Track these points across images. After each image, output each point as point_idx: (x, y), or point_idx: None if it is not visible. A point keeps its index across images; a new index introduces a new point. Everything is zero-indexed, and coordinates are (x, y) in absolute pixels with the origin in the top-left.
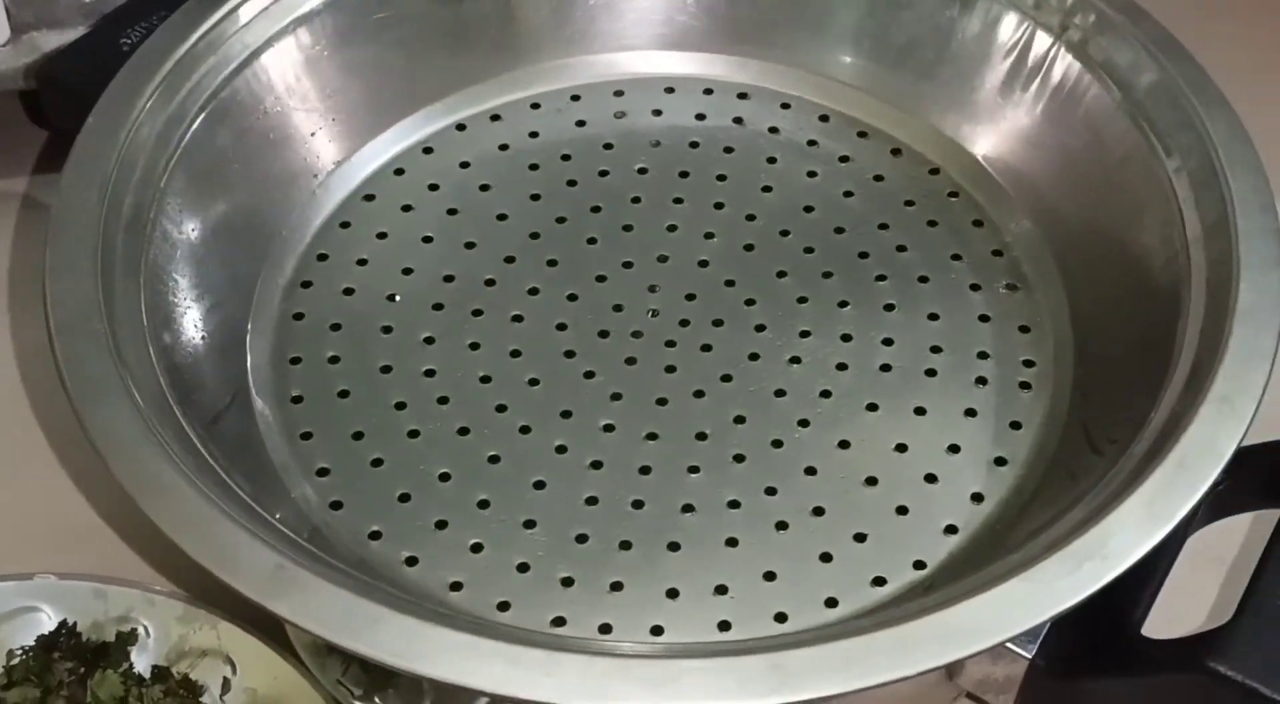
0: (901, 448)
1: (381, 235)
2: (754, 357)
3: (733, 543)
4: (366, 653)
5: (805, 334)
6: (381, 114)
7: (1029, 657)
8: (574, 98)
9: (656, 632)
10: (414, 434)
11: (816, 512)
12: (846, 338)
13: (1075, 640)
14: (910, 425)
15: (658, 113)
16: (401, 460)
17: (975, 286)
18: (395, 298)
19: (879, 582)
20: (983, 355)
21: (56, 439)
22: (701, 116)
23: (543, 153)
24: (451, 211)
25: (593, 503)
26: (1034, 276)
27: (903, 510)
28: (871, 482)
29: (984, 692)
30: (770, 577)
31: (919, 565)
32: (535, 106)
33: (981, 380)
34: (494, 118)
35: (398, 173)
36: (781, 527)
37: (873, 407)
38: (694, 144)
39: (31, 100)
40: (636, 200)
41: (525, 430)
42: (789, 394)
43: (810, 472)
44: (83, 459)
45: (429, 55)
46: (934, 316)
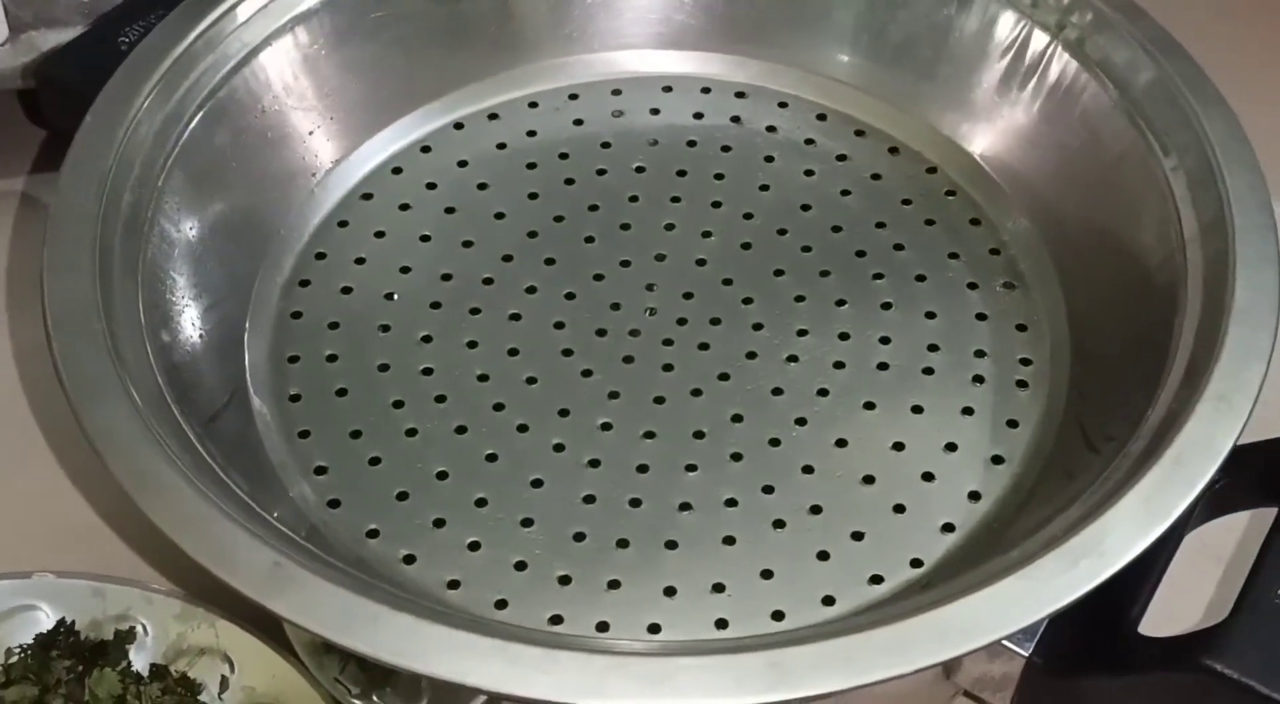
0: (899, 446)
1: (379, 234)
2: (751, 355)
3: (730, 541)
4: (364, 651)
5: (803, 333)
6: (379, 113)
7: (1026, 654)
8: (572, 97)
9: (654, 630)
10: (412, 433)
11: (814, 510)
12: (844, 336)
13: (1072, 638)
14: (908, 424)
15: (655, 112)
16: (399, 459)
17: (972, 285)
18: (393, 296)
19: (876, 580)
20: (980, 354)
21: (55, 438)
22: (699, 115)
23: (541, 152)
24: (449, 210)
25: (590, 501)
26: (1031, 275)
27: (900, 509)
28: (869, 480)
29: (981, 689)
30: (768, 575)
31: (916, 563)
32: (533, 105)
33: (979, 379)
34: (492, 117)
35: (396, 171)
36: (779, 525)
37: (870, 405)
38: (692, 143)
39: (30, 99)
40: (634, 199)
41: (523, 429)
42: (786, 393)
43: (808, 470)
44: (81, 458)
45: (427, 54)
46: (931, 315)
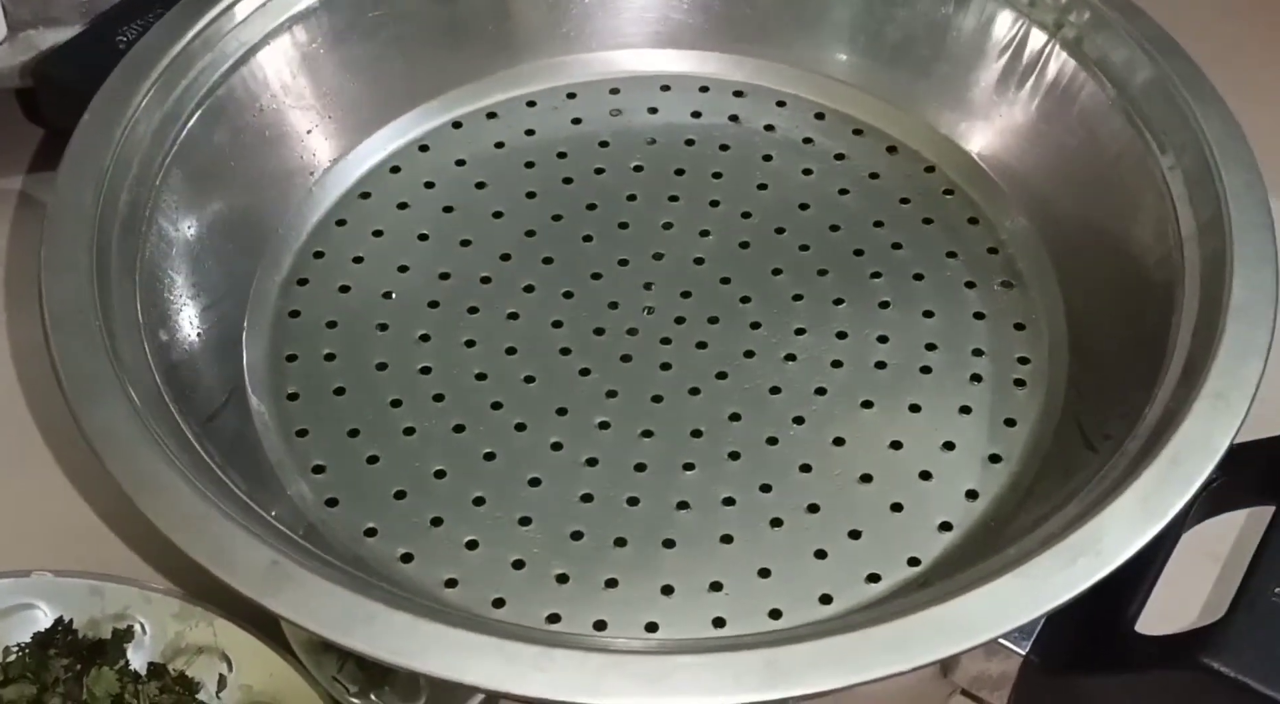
0: (896, 445)
1: (377, 233)
2: (749, 354)
3: (727, 540)
4: (361, 649)
5: (800, 331)
6: (377, 111)
7: (1023, 653)
8: (570, 96)
9: (651, 628)
10: (409, 431)
11: (811, 509)
12: (842, 335)
13: (1070, 636)
14: (905, 422)
15: (653, 111)
16: (397, 458)
17: (970, 284)
18: (391, 295)
19: (873, 578)
20: (978, 352)
21: (52, 437)
22: (697, 114)
23: (539, 150)
24: (447, 209)
25: (588, 500)
26: (1029, 274)
27: (897, 507)
28: (866, 479)
29: (978, 688)
30: (765, 573)
31: (913, 562)
32: (531, 104)
33: (976, 377)
34: (490, 116)
35: (394, 170)
36: (776, 523)
37: (868, 404)
38: (690, 142)
39: (28, 98)
40: (632, 198)
41: (521, 428)
42: (784, 391)
43: (805, 469)
44: (79, 457)
45: (425, 53)
46: (929, 314)
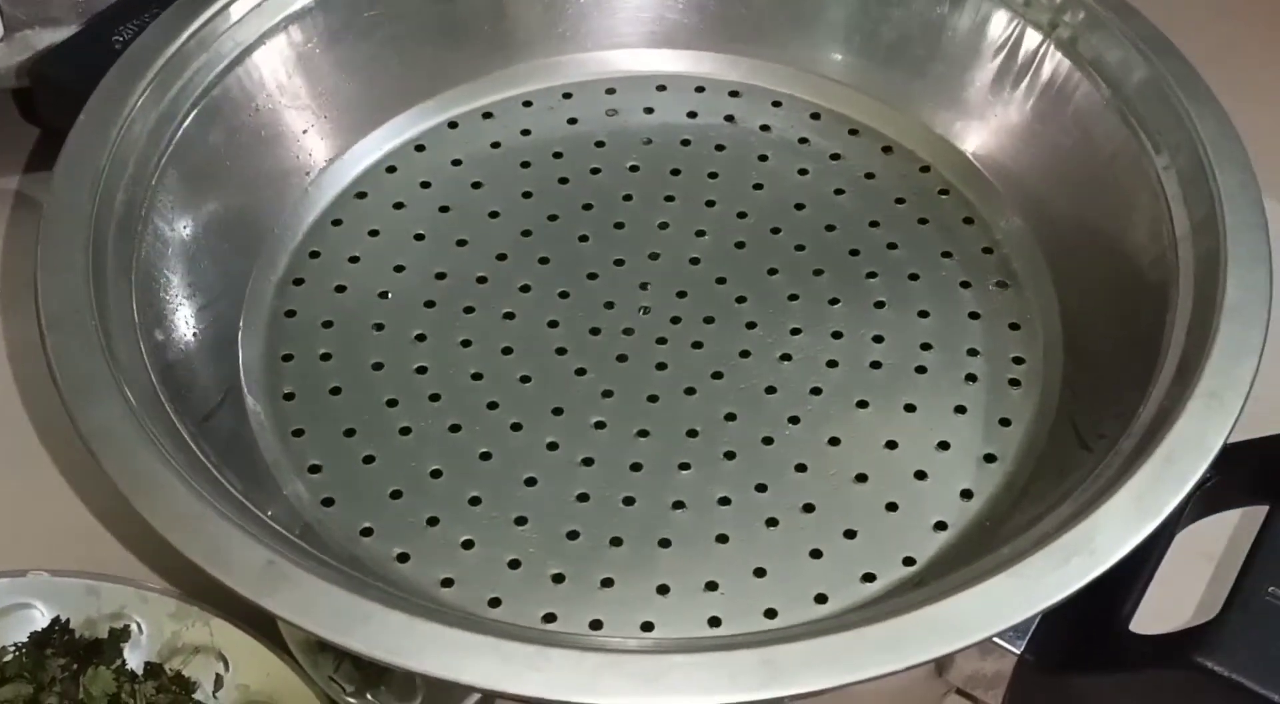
0: (891, 445)
1: (373, 233)
2: (745, 354)
3: (723, 539)
4: (358, 649)
5: (796, 331)
6: (373, 111)
7: (1018, 652)
8: (566, 95)
9: (647, 628)
10: (405, 431)
11: (806, 508)
12: (837, 335)
13: (1064, 636)
14: (900, 422)
15: (649, 111)
16: (393, 457)
17: (965, 284)
18: (387, 295)
19: (869, 578)
20: (973, 352)
21: (49, 437)
22: (693, 114)
23: (535, 150)
24: (443, 209)
25: (584, 500)
26: (1024, 274)
27: (892, 507)
28: (861, 478)
29: (973, 687)
30: (760, 573)
31: (908, 562)
32: (527, 104)
33: (971, 377)
34: (486, 115)
35: (390, 170)
36: (772, 523)
37: (863, 404)
38: (685, 142)
39: (24, 98)
40: (628, 198)
41: (516, 427)
42: (779, 391)
43: (800, 468)
44: (75, 457)
45: (421, 53)
46: (924, 314)
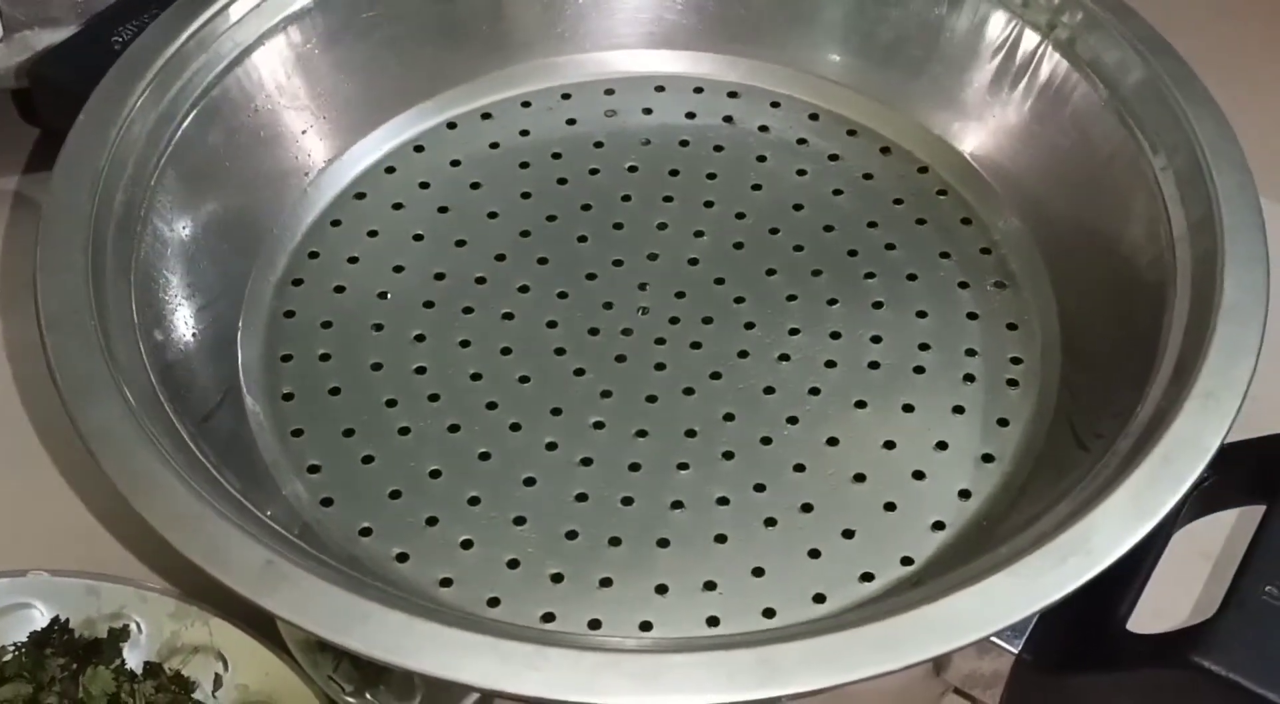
0: (890, 445)
1: (372, 233)
2: (743, 354)
3: (721, 539)
4: (356, 648)
5: (794, 332)
6: (372, 112)
7: (1015, 651)
8: (564, 96)
9: (645, 627)
10: (404, 431)
11: (805, 508)
12: (835, 335)
13: (1062, 635)
14: (898, 422)
15: (648, 111)
16: (392, 457)
17: (963, 284)
18: (386, 295)
19: (867, 577)
20: (971, 353)
21: (48, 437)
22: (691, 115)
23: (533, 151)
24: (442, 210)
25: (582, 499)
26: (1022, 274)
27: (891, 507)
28: (860, 478)
29: (971, 686)
30: (759, 572)
31: (906, 561)
32: (526, 105)
33: (969, 377)
34: (485, 116)
35: (389, 171)
36: (770, 523)
37: (861, 404)
38: (684, 142)
39: (24, 98)
40: (627, 198)
41: (515, 428)
42: (778, 391)
43: (799, 468)
44: (75, 457)
45: (420, 53)
46: (922, 314)
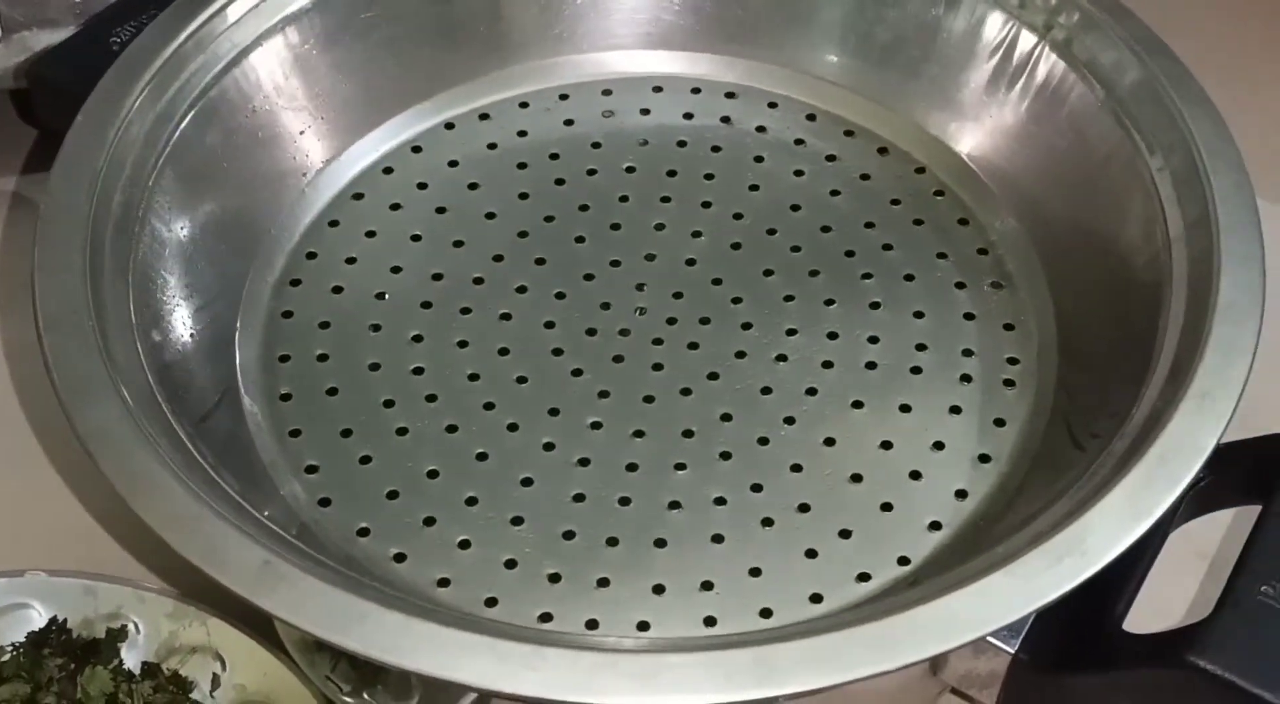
0: (886, 445)
1: (370, 234)
2: (741, 354)
3: (719, 539)
4: (354, 648)
5: (792, 332)
6: (370, 113)
7: (1012, 651)
8: (562, 97)
9: (643, 627)
10: (402, 432)
11: (802, 508)
12: (833, 336)
13: (1058, 635)
14: (895, 422)
15: (646, 112)
16: (390, 458)
17: (960, 284)
18: (384, 296)
19: (863, 577)
20: (967, 353)
21: (46, 438)
22: (689, 116)
23: (531, 152)
24: (440, 210)
25: (580, 500)
26: (1019, 275)
27: (887, 507)
28: (856, 478)
29: (968, 686)
30: (756, 572)
31: (903, 561)
32: (524, 105)
33: (966, 378)
34: (482, 117)
35: (386, 171)
36: (767, 523)
37: (858, 404)
38: (682, 143)
39: (22, 99)
40: (624, 199)
41: (513, 428)
42: (775, 392)
43: (796, 469)
44: (72, 457)
45: (417, 54)
46: (919, 314)
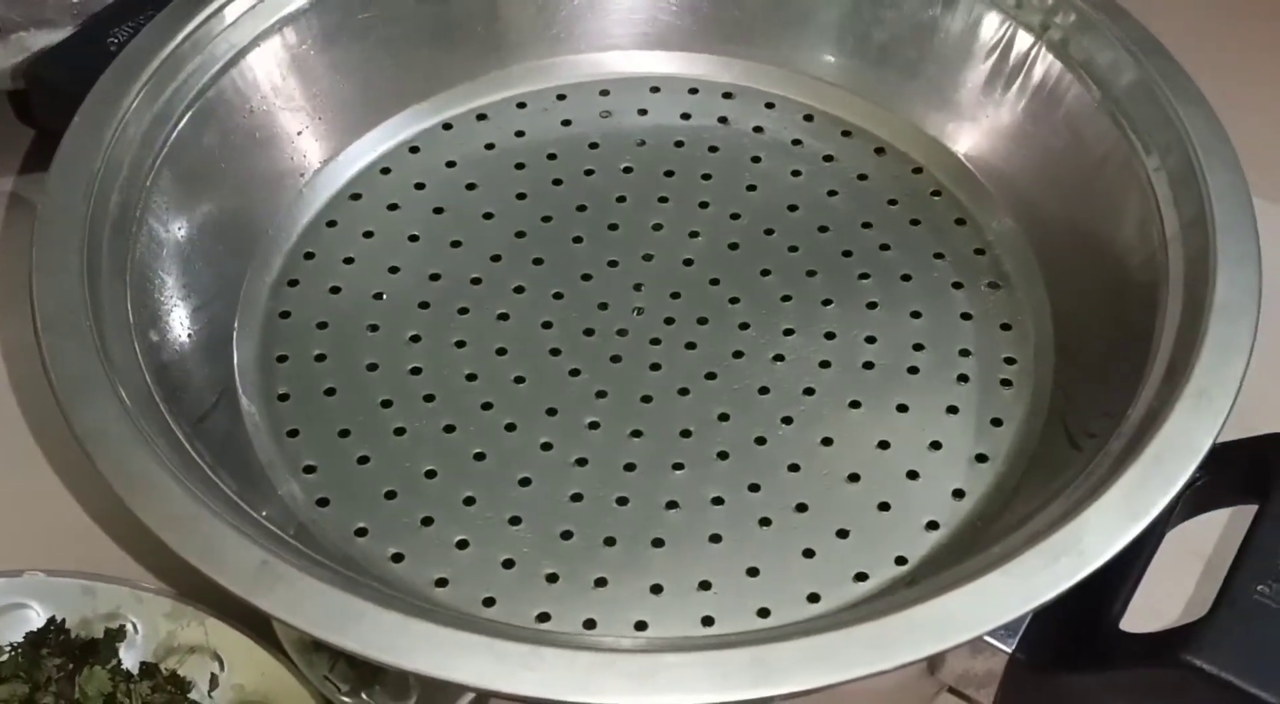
0: (884, 445)
1: (368, 234)
2: (738, 354)
3: (716, 539)
4: (352, 648)
5: (789, 332)
6: (368, 113)
7: (1009, 651)
8: (560, 97)
9: (640, 627)
10: (400, 432)
11: (799, 508)
12: (830, 336)
13: (1055, 634)
14: (892, 422)
15: (643, 112)
16: (388, 458)
17: (957, 285)
18: (382, 296)
19: (861, 577)
20: (964, 353)
21: (44, 438)
22: (687, 116)
23: (529, 152)
24: (438, 210)
25: (578, 499)
26: (1015, 275)
27: (884, 507)
28: (854, 478)
29: (965, 685)
30: (753, 572)
31: (900, 561)
32: (521, 106)
33: (963, 378)
34: (480, 117)
35: (384, 172)
36: (764, 523)
37: (855, 404)
38: (679, 143)
39: (19, 99)
40: (622, 199)
41: (511, 428)
42: (772, 391)
43: (793, 468)
44: (70, 457)
45: (415, 54)
46: (916, 314)
